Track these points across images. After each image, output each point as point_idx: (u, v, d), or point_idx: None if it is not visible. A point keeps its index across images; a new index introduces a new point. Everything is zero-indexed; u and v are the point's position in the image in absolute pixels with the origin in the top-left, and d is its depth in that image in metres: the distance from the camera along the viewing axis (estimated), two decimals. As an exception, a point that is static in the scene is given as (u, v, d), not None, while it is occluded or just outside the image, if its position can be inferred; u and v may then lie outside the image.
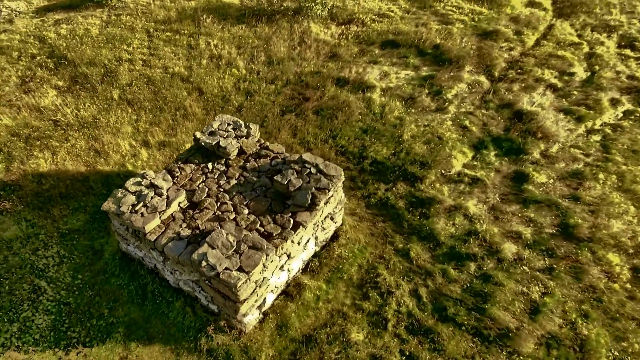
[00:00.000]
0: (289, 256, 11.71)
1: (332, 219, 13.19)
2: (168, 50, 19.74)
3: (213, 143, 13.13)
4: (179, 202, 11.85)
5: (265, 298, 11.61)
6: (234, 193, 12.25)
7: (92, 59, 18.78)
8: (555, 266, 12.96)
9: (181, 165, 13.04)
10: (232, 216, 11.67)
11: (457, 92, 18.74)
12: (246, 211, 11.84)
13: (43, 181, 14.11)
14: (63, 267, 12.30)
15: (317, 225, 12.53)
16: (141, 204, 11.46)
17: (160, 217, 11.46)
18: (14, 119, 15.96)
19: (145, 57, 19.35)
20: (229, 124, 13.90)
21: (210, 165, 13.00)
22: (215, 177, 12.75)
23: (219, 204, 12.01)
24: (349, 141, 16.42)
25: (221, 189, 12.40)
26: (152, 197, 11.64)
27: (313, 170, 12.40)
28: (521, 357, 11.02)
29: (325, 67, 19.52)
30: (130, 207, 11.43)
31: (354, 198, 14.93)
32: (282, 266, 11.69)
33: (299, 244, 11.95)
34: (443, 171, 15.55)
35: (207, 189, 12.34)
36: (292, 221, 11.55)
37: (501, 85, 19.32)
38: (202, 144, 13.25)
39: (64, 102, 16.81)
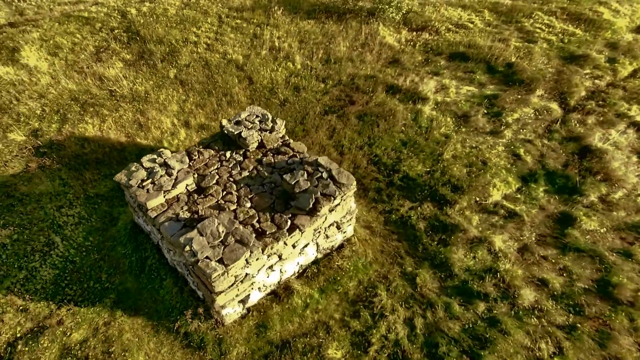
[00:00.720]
0: (280, 257, 11.43)
1: (338, 228, 12.67)
2: (233, 37, 20.20)
3: (235, 132, 13.17)
4: (187, 185, 12.02)
5: (249, 294, 11.44)
6: (242, 185, 12.18)
7: (161, 38, 19.75)
8: (579, 325, 11.39)
9: (201, 149, 13.24)
10: (233, 207, 11.61)
11: (519, 116, 17.17)
12: (248, 204, 11.72)
13: (85, 145, 15.08)
14: (79, 228, 13.06)
15: (319, 232, 12.10)
16: (149, 180, 11.79)
17: (164, 196, 11.70)
18: (78, 84, 17.24)
19: (210, 41, 19.97)
20: (257, 116, 13.87)
21: (228, 154, 13.06)
22: (230, 166, 12.77)
23: (224, 192, 12.02)
24: (385, 151, 15.70)
25: (231, 179, 12.40)
26: (161, 176, 11.93)
27: (325, 175, 11.97)
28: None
29: (382, 72, 18.85)
30: (140, 181, 11.80)
31: (374, 211, 14.24)
32: (271, 266, 11.44)
33: (294, 247, 11.62)
34: (478, 199, 14.32)
35: (217, 177, 12.40)
36: (289, 223, 11.24)
37: (574, 115, 17.38)
38: (226, 131, 13.36)
39: (125, 74, 17.86)
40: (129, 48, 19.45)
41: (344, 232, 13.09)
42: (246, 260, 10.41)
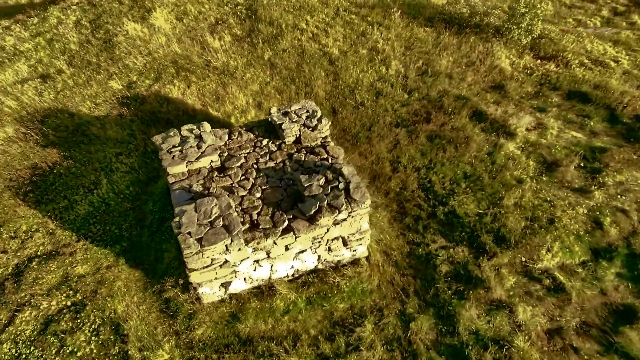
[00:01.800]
0: (268, 255, 11.13)
1: (345, 244, 11.89)
2: (340, 31, 20.01)
3: (278, 122, 13.09)
4: (211, 161, 12.32)
5: (231, 281, 11.40)
6: (262, 174, 12.11)
7: (273, 20, 20.40)
8: None
9: (243, 131, 13.43)
10: (242, 193, 11.62)
11: (624, 179, 14.16)
12: (258, 194, 11.64)
13: (164, 105, 16.37)
14: (127, 177, 14.26)
15: (319, 242, 11.49)
16: (179, 148, 12.35)
17: (187, 166, 12.16)
18: (183, 49, 18.73)
19: (317, 31, 20.05)
20: (307, 111, 13.59)
21: (265, 141, 13.05)
22: (261, 153, 12.77)
23: (242, 177, 12.08)
24: (441, 179, 14.24)
25: (255, 166, 12.40)
26: (190, 146, 12.40)
27: (341, 185, 11.31)
28: None
29: (478, 95, 17.03)
30: (171, 147, 12.43)
31: (402, 239, 13.07)
32: (258, 261, 11.21)
33: (287, 249, 11.22)
34: (524, 259, 12.25)
35: (243, 160, 12.49)
36: (285, 223, 10.90)
37: (703, 197, 13.80)
38: (270, 119, 13.35)
39: (226, 49, 18.88)
40: (242, 25, 20.50)
41: (354, 251, 12.26)
42: (226, 247, 10.35)
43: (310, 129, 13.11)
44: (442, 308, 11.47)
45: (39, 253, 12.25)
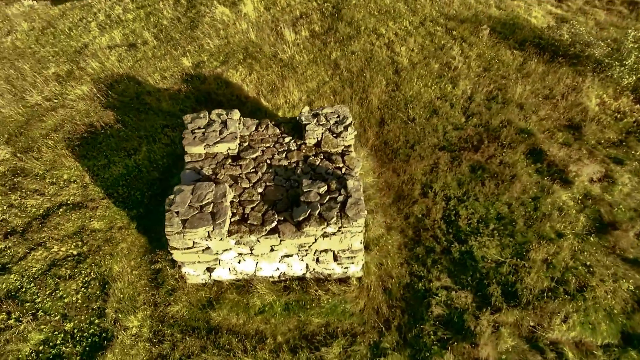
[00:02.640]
0: (252, 251, 11.04)
1: (335, 259, 11.39)
2: (419, 42, 19.11)
3: (304, 122, 12.90)
4: (229, 148, 12.50)
5: (214, 268, 11.53)
6: (271, 170, 12.04)
7: (354, 21, 20.07)
8: None
9: (271, 125, 13.43)
10: (245, 185, 11.67)
11: (696, 263, 11.78)
12: (260, 189, 11.61)
13: (221, 87, 16.96)
14: (166, 149, 14.94)
15: (307, 251, 11.14)
16: (202, 130, 12.72)
17: (205, 149, 12.48)
18: (258, 38, 19.22)
19: (395, 38, 19.35)
20: (337, 116, 13.21)
21: (287, 139, 12.94)
22: (279, 150, 12.69)
23: (252, 169, 12.11)
24: (470, 215, 13.01)
25: (268, 161, 12.36)
26: (213, 131, 12.71)
27: (340, 198, 10.85)
28: None
29: (545, 133, 15.21)
30: (196, 127, 12.84)
31: (406, 267, 12.21)
32: (242, 254, 11.19)
33: (272, 249, 11.05)
34: (533, 324, 10.76)
35: (259, 153, 12.51)
36: (273, 224, 10.75)
37: None
38: (298, 118, 13.19)
39: (299, 43, 19.01)
40: (322, 22, 20.49)
41: (345, 268, 11.71)
42: (208, 233, 10.48)
43: (335, 134, 12.73)
44: (420, 352, 10.53)
45: (68, 202, 13.45)
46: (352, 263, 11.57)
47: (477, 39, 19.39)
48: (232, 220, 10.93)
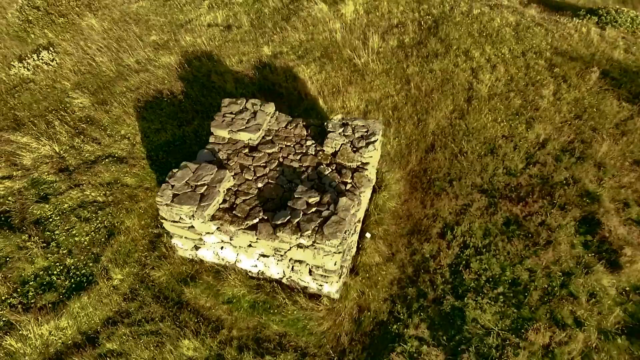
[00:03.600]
0: (231, 240, 11.15)
1: (310, 272, 11.01)
2: (510, 73, 17.34)
3: (328, 129, 12.59)
4: (250, 137, 12.70)
5: (200, 247, 11.90)
6: (279, 170, 12.02)
7: (448, 38, 18.86)
8: None
9: (301, 125, 13.29)
10: (249, 177, 11.81)
11: None
12: (260, 185, 11.70)
13: (288, 80, 17.14)
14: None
15: (282, 257, 10.95)
16: (232, 116, 13.08)
17: (229, 134, 12.84)
18: (343, 40, 19.05)
19: (484, 64, 17.80)
20: (366, 130, 12.66)
21: (309, 142, 12.75)
22: (297, 151, 12.57)
23: (261, 163, 12.20)
24: (480, 270, 11.62)
25: (281, 159, 12.33)
26: (241, 118, 13.00)
27: (325, 213, 10.51)
28: None
29: (616, 202, 12.87)
30: (228, 112, 13.25)
31: (388, 305, 11.38)
32: (223, 241, 11.37)
33: (250, 245, 11.07)
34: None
35: (275, 150, 12.52)
36: (255, 220, 10.82)
37: None
38: (325, 124, 12.89)
39: (380, 52, 18.46)
40: (416, 34, 19.61)
41: (319, 285, 11.27)
42: (192, 213, 10.85)
43: (355, 149, 12.23)
44: (365, 393, 9.80)
45: (115, 155, 14.85)
46: (326, 282, 11.10)
47: (582, 81, 17.02)
48: (221, 206, 11.17)
